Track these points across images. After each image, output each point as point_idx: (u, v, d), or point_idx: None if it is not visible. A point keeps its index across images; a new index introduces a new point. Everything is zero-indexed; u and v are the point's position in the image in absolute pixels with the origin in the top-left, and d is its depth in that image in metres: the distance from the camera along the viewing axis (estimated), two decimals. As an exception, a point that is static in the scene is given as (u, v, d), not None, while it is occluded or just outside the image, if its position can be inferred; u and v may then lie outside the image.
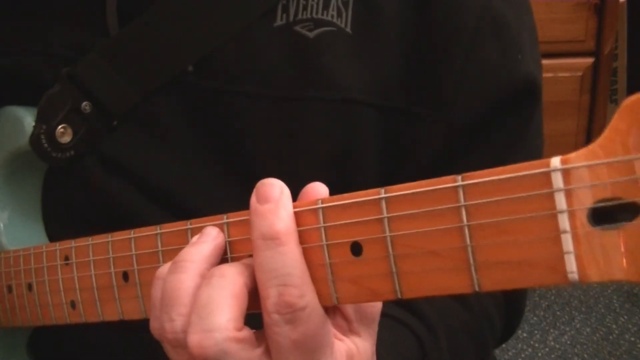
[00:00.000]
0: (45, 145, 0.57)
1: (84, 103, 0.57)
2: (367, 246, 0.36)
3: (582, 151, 0.30)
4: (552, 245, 0.30)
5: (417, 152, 0.59)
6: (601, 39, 1.80)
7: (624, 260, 0.28)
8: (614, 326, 1.88)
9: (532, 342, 1.85)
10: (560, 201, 0.30)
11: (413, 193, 0.34)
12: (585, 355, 1.80)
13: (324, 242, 0.38)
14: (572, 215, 0.29)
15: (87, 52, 0.58)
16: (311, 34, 0.56)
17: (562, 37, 1.78)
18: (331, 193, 0.61)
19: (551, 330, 1.88)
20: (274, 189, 0.39)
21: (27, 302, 0.58)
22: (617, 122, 0.29)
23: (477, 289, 0.32)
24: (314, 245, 0.38)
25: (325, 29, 0.56)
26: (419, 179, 0.61)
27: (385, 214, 0.35)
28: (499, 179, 0.31)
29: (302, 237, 0.38)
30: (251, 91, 0.56)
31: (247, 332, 0.38)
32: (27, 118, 0.59)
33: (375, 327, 0.43)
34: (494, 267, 0.32)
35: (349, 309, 0.41)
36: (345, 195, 0.37)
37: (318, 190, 0.41)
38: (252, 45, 0.56)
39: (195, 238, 0.43)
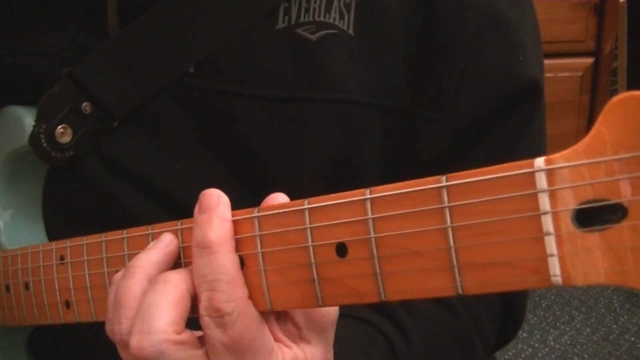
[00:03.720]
0: (45, 145, 0.57)
1: (85, 103, 0.57)
2: (352, 247, 0.36)
3: (567, 152, 0.29)
4: (536, 247, 0.30)
5: (419, 152, 0.59)
6: (601, 39, 1.79)
7: (607, 264, 0.28)
8: (614, 326, 1.87)
9: (532, 342, 1.84)
10: (544, 202, 0.29)
11: (397, 194, 0.34)
12: (585, 355, 1.80)
13: (310, 243, 0.38)
14: (555, 216, 0.29)
15: (88, 53, 0.58)
16: (313, 37, 0.56)
17: (562, 37, 1.77)
18: (333, 193, 0.60)
19: (551, 330, 1.87)
20: (212, 199, 0.42)
21: (24, 301, 0.58)
22: (601, 123, 0.29)
23: (460, 291, 0.32)
24: (299, 246, 0.38)
25: (328, 31, 0.56)
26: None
27: (370, 215, 0.35)
28: (483, 180, 0.31)
29: (288, 238, 0.39)
30: (253, 92, 0.56)
31: (187, 335, 0.41)
32: (28, 118, 0.59)
33: (328, 335, 0.44)
34: (477, 269, 0.31)
35: (299, 316, 0.43)
36: (331, 195, 0.37)
37: (278, 200, 0.43)
38: (254, 47, 0.56)
39: (151, 244, 0.45)
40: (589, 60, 1.82)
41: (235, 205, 0.45)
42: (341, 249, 0.36)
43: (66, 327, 0.55)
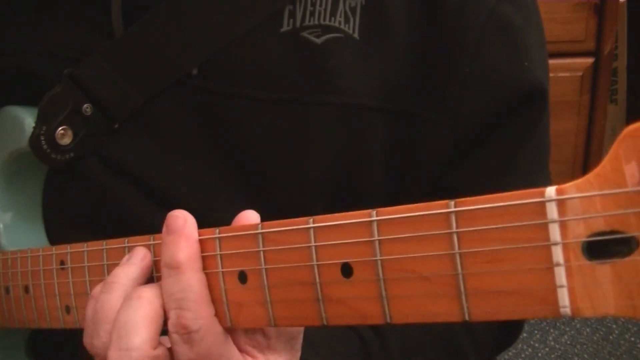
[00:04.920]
0: (45, 146, 0.57)
1: (86, 105, 0.57)
2: (357, 268, 0.36)
3: (578, 181, 0.29)
4: (545, 277, 0.29)
5: (423, 155, 0.59)
6: (601, 39, 1.79)
7: (617, 296, 0.28)
8: (614, 326, 1.87)
9: (532, 342, 1.85)
10: (555, 232, 0.29)
11: (405, 217, 0.34)
12: (585, 355, 1.80)
13: (315, 262, 0.37)
14: (566, 247, 0.29)
15: (90, 54, 0.57)
16: (318, 40, 0.56)
17: (562, 37, 1.77)
18: (338, 197, 0.60)
19: (551, 330, 1.88)
20: (178, 220, 0.43)
21: (24, 305, 0.58)
22: (616, 152, 0.28)
23: (466, 317, 0.31)
24: (303, 265, 0.38)
25: (333, 35, 0.56)
26: (425, 183, 0.60)
27: (376, 237, 0.35)
28: (492, 207, 0.31)
29: (292, 256, 0.38)
30: (256, 95, 0.56)
31: (161, 350, 0.42)
32: (28, 118, 0.59)
33: (294, 343, 0.45)
34: (485, 297, 0.31)
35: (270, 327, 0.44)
36: (337, 215, 0.37)
37: (248, 217, 0.44)
38: (258, 49, 0.56)
39: (125, 258, 0.46)
40: (589, 60, 1.82)
41: (236, 208, 0.45)
42: (346, 270, 0.36)
43: (66, 328, 0.55)
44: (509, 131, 0.59)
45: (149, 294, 0.43)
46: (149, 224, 0.48)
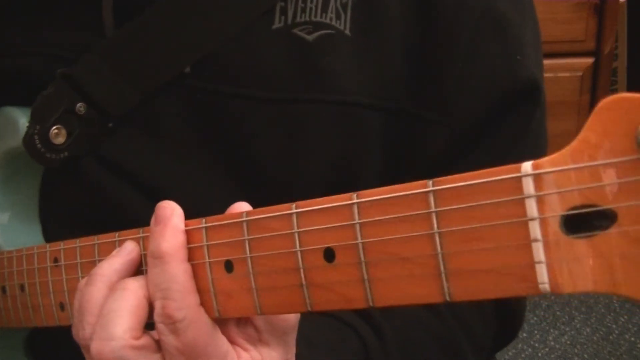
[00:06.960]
0: (39, 145, 0.57)
1: (79, 104, 0.57)
2: (339, 252, 0.36)
3: (554, 156, 0.29)
4: (523, 254, 0.29)
5: (419, 153, 0.58)
6: (601, 39, 1.79)
7: (596, 271, 0.27)
8: (614, 326, 1.86)
9: (532, 342, 1.84)
10: (532, 208, 0.29)
11: (384, 198, 0.33)
12: (585, 355, 1.79)
13: (298, 248, 0.37)
14: (543, 222, 0.28)
15: (84, 53, 0.57)
16: (310, 37, 0.56)
17: (562, 37, 1.77)
18: (335, 194, 0.60)
19: (551, 330, 1.87)
20: (165, 211, 0.43)
21: (20, 303, 0.58)
22: (590, 126, 0.28)
23: (447, 298, 0.31)
24: (287, 251, 0.38)
25: (324, 31, 0.56)
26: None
27: (357, 220, 0.35)
28: (470, 184, 0.30)
29: (276, 243, 0.38)
30: (250, 93, 0.56)
31: (145, 340, 0.43)
32: (22, 119, 0.59)
33: (288, 338, 0.45)
34: (465, 276, 0.31)
35: (260, 320, 0.44)
36: (318, 200, 0.37)
37: (239, 208, 0.44)
38: (250, 47, 0.56)
39: (114, 251, 0.46)
40: (589, 60, 1.82)
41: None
42: (329, 254, 0.36)
43: (64, 327, 0.55)
44: (504, 128, 0.59)
45: (133, 285, 0.43)
46: (146, 223, 0.48)
